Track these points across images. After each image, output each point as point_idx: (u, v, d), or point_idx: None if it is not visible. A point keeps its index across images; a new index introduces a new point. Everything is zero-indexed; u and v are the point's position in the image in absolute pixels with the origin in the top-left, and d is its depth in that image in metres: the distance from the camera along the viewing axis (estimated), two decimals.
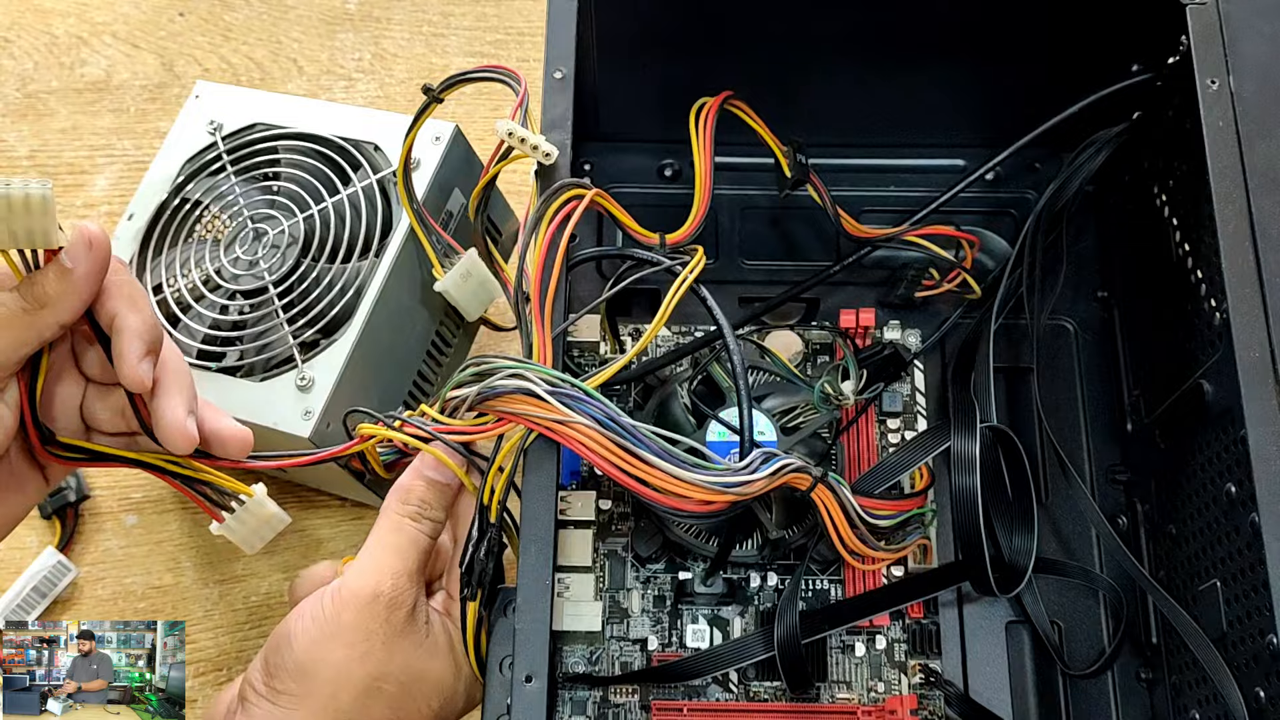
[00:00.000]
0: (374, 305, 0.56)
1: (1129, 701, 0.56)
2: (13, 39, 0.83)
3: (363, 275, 0.57)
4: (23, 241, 0.38)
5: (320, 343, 0.56)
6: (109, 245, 0.41)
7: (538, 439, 0.45)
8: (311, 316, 0.56)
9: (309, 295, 0.57)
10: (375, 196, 0.58)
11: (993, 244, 0.65)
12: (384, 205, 0.58)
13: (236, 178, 0.61)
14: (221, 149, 0.62)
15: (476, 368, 0.45)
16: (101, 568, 0.67)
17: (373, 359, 0.57)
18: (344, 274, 0.57)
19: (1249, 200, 0.48)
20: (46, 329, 0.40)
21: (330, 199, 0.59)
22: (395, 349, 0.60)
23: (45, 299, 0.39)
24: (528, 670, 0.42)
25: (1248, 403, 0.45)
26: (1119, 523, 0.59)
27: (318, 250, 0.58)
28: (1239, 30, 0.52)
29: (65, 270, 0.39)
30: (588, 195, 0.49)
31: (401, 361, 0.61)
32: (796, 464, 0.47)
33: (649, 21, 0.60)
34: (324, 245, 0.58)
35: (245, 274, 0.58)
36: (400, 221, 0.58)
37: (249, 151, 0.61)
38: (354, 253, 0.58)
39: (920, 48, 0.62)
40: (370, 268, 0.57)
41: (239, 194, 0.60)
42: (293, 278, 0.57)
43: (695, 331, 0.62)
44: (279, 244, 0.58)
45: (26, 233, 0.38)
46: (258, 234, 0.59)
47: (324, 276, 0.57)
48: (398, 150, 0.58)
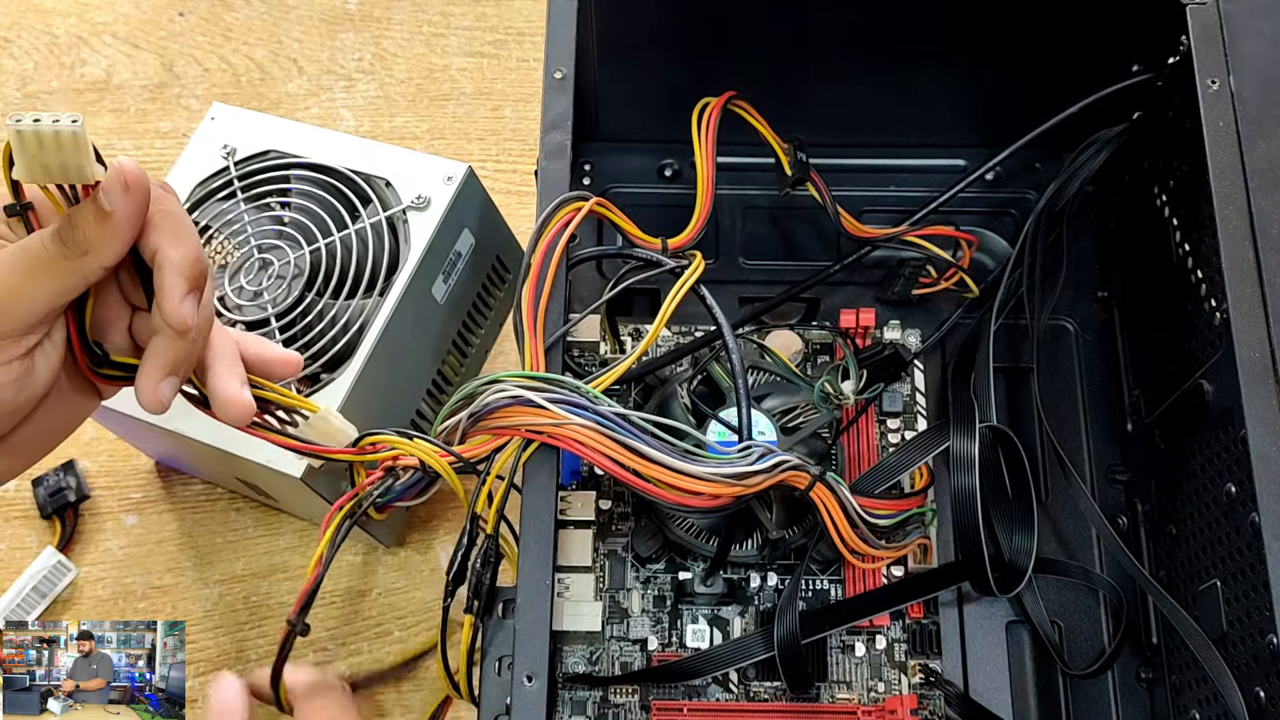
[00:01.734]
0: (376, 343, 0.55)
1: (1129, 701, 0.56)
2: (13, 39, 0.83)
3: (366, 312, 0.56)
4: (57, 176, 0.37)
5: (321, 378, 0.55)
6: (147, 183, 0.39)
7: (537, 448, 0.45)
8: (314, 352, 0.55)
9: (311, 330, 0.56)
10: (384, 233, 0.57)
11: (993, 244, 0.65)
12: (392, 242, 0.57)
13: (246, 204, 0.60)
14: (233, 174, 0.61)
15: (462, 393, 0.45)
16: (101, 568, 0.67)
17: (372, 396, 0.56)
18: (348, 310, 0.56)
19: (1249, 200, 0.48)
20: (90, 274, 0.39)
21: (339, 233, 0.58)
22: (395, 387, 0.59)
23: (86, 244, 0.38)
24: (528, 670, 0.42)
25: (1248, 403, 0.45)
26: (1119, 523, 0.59)
27: (323, 284, 0.57)
28: (1239, 30, 0.52)
29: (104, 213, 0.38)
30: (586, 205, 0.49)
31: (401, 400, 0.61)
32: (794, 461, 0.47)
33: (649, 21, 0.60)
34: (329, 279, 0.57)
35: (249, 304, 0.57)
36: (408, 260, 0.57)
37: (261, 179, 0.61)
38: (359, 289, 0.57)
39: (920, 48, 0.62)
40: (375, 305, 0.56)
41: (247, 221, 0.59)
42: (296, 311, 0.56)
43: (695, 331, 0.62)
44: (284, 275, 0.57)
45: (60, 168, 0.37)
46: (264, 264, 0.58)
47: (328, 312, 0.56)
48: (409, 186, 0.58)
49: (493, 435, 0.45)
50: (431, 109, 0.81)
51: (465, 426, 0.44)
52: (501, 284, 0.65)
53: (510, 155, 0.80)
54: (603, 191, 0.66)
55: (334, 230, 0.58)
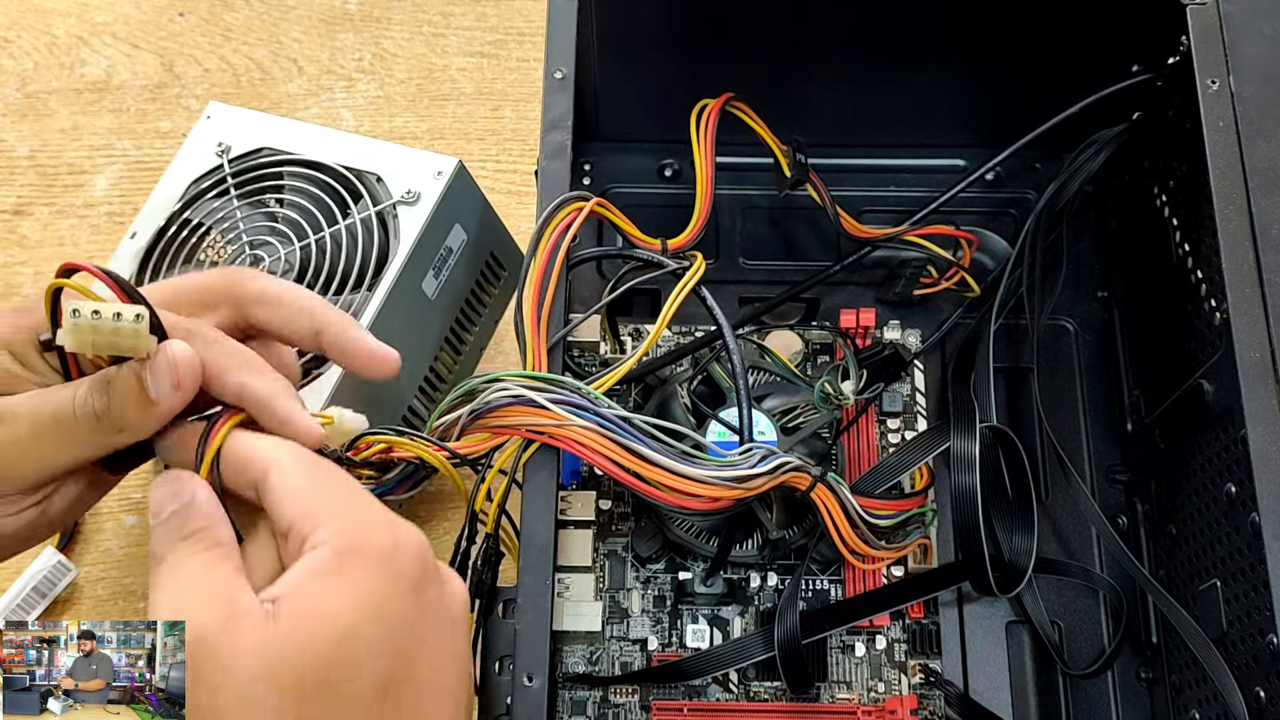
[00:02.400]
0: None
1: (1129, 701, 0.56)
2: (13, 39, 0.83)
3: (355, 307, 0.56)
4: (106, 351, 0.35)
5: (310, 372, 0.55)
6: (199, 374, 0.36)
7: (538, 448, 0.45)
8: None
9: None
10: (374, 228, 0.58)
11: (993, 244, 0.65)
12: (382, 237, 0.57)
13: (239, 201, 0.60)
14: (227, 171, 0.61)
15: (462, 389, 0.45)
16: (101, 568, 0.67)
17: (362, 392, 0.56)
18: (337, 305, 0.56)
19: (1249, 200, 0.48)
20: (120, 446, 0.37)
21: (329, 228, 0.58)
22: (386, 383, 0.59)
23: (122, 424, 0.36)
24: (528, 670, 0.42)
25: (1248, 403, 0.45)
26: (1119, 523, 0.59)
27: (312, 279, 0.57)
28: (1239, 30, 0.52)
29: (149, 402, 0.35)
30: (587, 206, 0.49)
31: (392, 396, 0.61)
32: (795, 463, 0.47)
33: (649, 22, 0.60)
34: (319, 274, 0.57)
35: None
36: (396, 255, 0.57)
37: (253, 176, 0.61)
38: (348, 284, 0.57)
39: (920, 48, 0.62)
40: (364, 300, 0.56)
41: (240, 218, 0.60)
42: None
43: (695, 331, 0.62)
44: (275, 270, 0.57)
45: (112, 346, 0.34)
46: (255, 260, 0.58)
47: None
48: (399, 180, 0.57)
49: (492, 434, 0.45)
50: (431, 109, 0.81)
51: (465, 423, 0.44)
52: (496, 281, 0.65)
53: (510, 155, 0.80)
54: (603, 191, 0.66)
55: (325, 226, 0.58)
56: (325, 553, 0.33)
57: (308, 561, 0.33)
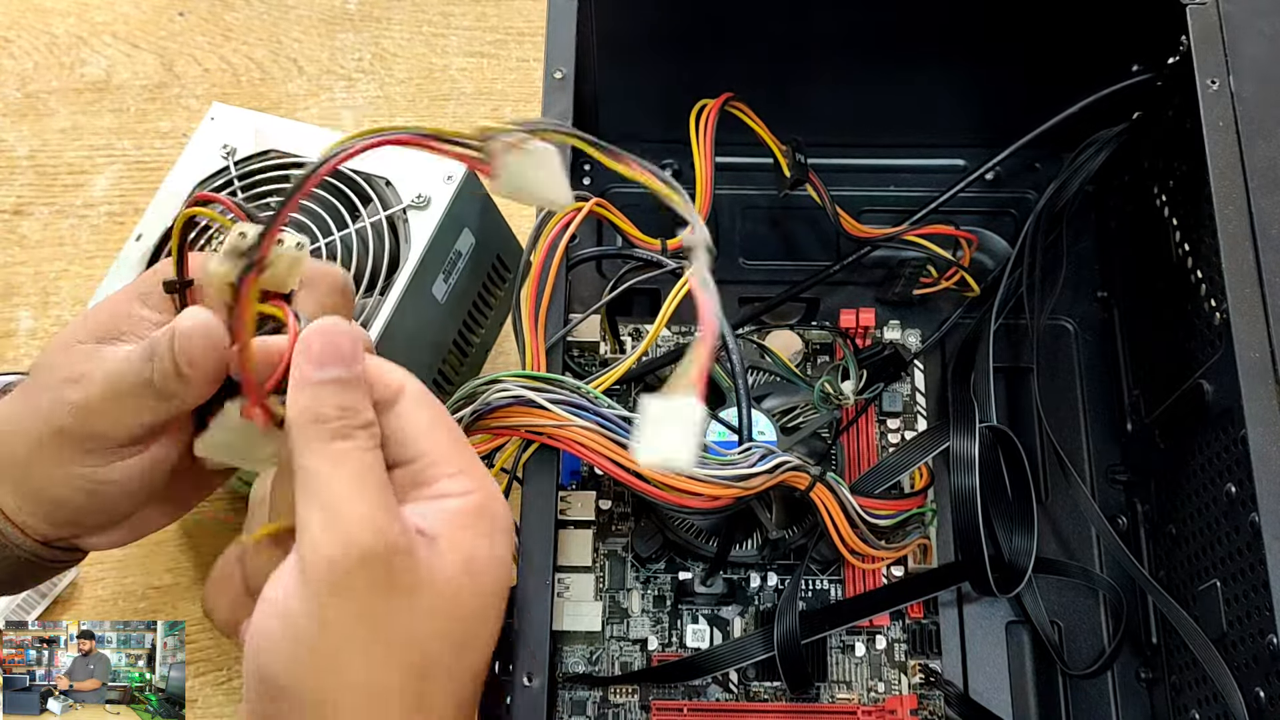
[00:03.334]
0: (377, 343, 0.55)
1: (1129, 701, 0.56)
2: (13, 39, 0.83)
3: (367, 312, 0.55)
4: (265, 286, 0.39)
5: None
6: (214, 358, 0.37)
7: (538, 449, 0.45)
8: None
9: None
10: (384, 232, 0.57)
11: (993, 244, 0.65)
12: (392, 241, 0.57)
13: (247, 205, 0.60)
14: (233, 174, 0.60)
15: (463, 392, 0.45)
16: (101, 568, 0.67)
17: None
18: None
19: (1249, 200, 0.48)
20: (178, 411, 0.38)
21: (338, 233, 0.57)
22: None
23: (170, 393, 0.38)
24: (527, 670, 0.42)
25: (1248, 403, 0.45)
26: (1119, 523, 0.59)
27: None
28: (1239, 30, 0.52)
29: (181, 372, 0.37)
30: (586, 206, 0.49)
31: None
32: (794, 462, 0.47)
33: (649, 22, 0.60)
34: None
35: None
36: (408, 260, 0.56)
37: (260, 179, 0.60)
38: (359, 289, 0.56)
39: (920, 48, 0.62)
40: (375, 305, 0.56)
41: None
42: None
43: (696, 331, 0.62)
44: None
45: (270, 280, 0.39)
46: None
47: None
48: (409, 185, 0.57)
49: (492, 435, 0.45)
50: (431, 109, 0.81)
51: (466, 425, 0.44)
52: (502, 283, 0.65)
53: None
54: (602, 191, 0.66)
55: (334, 230, 0.58)
56: (466, 506, 0.35)
57: (448, 508, 0.34)
